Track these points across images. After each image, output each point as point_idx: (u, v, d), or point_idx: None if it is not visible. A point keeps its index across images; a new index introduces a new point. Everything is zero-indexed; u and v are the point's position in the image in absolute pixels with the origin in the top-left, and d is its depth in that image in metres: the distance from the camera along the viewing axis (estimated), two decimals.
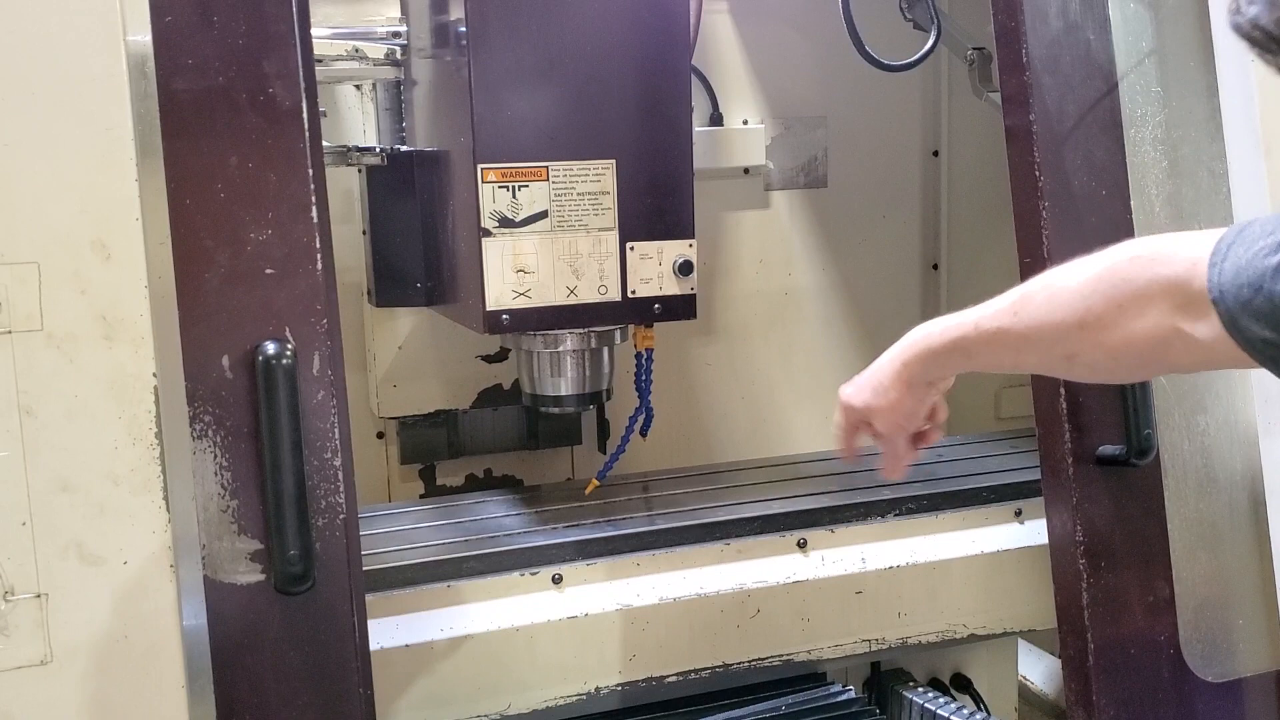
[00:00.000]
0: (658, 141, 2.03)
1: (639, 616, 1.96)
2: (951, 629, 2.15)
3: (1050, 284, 1.27)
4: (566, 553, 1.99)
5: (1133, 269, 1.19)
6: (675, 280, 2.07)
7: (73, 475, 1.34)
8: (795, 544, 2.09)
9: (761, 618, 2.02)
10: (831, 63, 2.75)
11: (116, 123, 1.35)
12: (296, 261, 1.49)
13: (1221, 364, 1.21)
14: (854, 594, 2.08)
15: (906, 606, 2.11)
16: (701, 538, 2.06)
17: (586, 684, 1.94)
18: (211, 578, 1.47)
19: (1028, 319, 1.28)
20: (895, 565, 2.11)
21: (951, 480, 2.29)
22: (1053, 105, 1.85)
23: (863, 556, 2.10)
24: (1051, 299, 1.26)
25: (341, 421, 1.52)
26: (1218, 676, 1.89)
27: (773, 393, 2.89)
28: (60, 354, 1.33)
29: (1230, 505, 1.92)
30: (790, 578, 2.05)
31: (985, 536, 2.18)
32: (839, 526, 2.13)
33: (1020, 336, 1.30)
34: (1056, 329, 1.25)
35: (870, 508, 2.16)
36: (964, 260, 2.99)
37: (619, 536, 2.04)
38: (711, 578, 2.02)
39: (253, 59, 1.47)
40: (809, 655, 2.06)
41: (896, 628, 2.11)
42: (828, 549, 2.10)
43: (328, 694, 1.53)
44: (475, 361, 2.53)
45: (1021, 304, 1.30)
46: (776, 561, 2.07)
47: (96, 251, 1.34)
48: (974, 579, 2.15)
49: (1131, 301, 1.18)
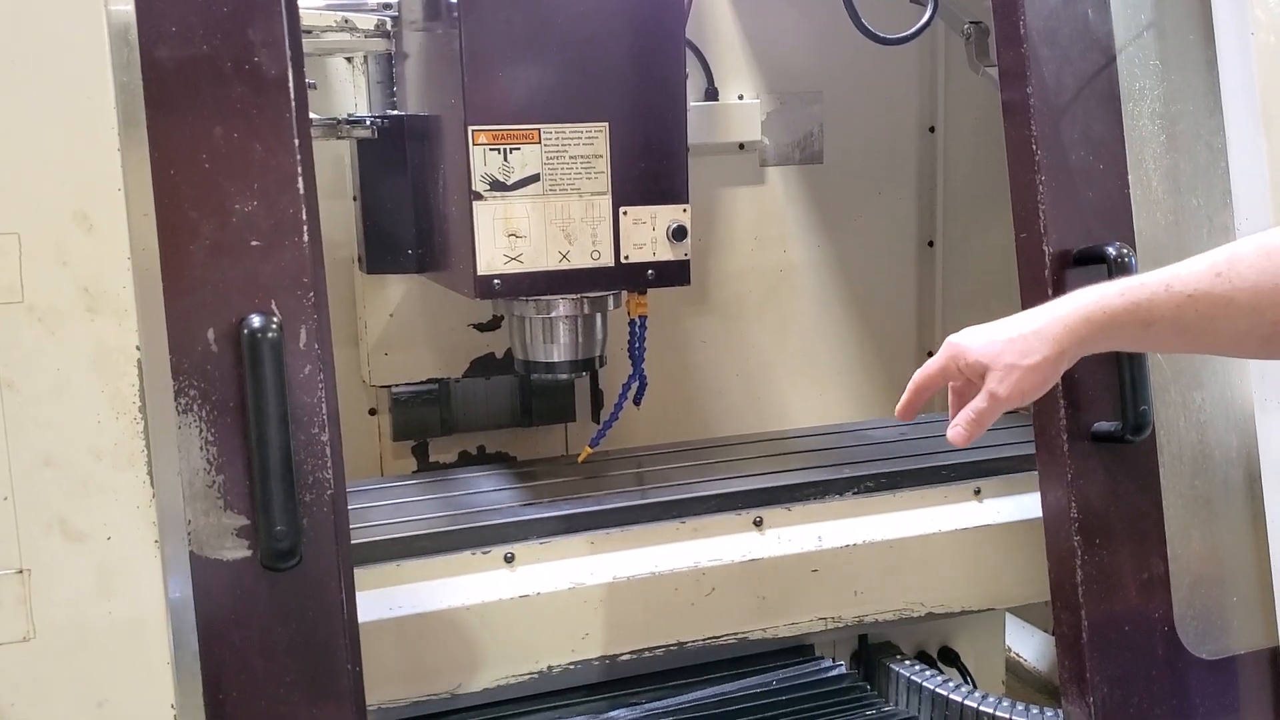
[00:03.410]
0: (651, 104, 2.02)
1: (591, 595, 1.95)
2: (909, 607, 2.15)
3: (1264, 244, 1.13)
4: (519, 532, 1.98)
5: None
6: (669, 246, 2.06)
7: (55, 450, 1.32)
8: (751, 522, 2.09)
9: (716, 596, 2.02)
10: (827, 37, 2.73)
11: (98, 92, 1.33)
12: (283, 233, 1.47)
13: None
14: (810, 572, 2.07)
15: (863, 585, 2.11)
16: (657, 516, 2.06)
17: (539, 663, 1.93)
18: (197, 553, 1.45)
19: (1237, 279, 1.13)
20: (851, 544, 2.10)
21: (911, 459, 2.29)
22: (1050, 79, 1.83)
23: (819, 535, 2.10)
24: (1268, 257, 1.12)
25: (329, 396, 1.51)
26: (1212, 654, 1.89)
27: (768, 369, 2.88)
28: (42, 326, 1.31)
29: (1225, 482, 1.91)
30: (745, 556, 2.04)
31: (943, 515, 2.18)
32: (796, 505, 2.12)
33: (1224, 299, 1.15)
34: (1274, 292, 1.11)
35: (829, 486, 2.16)
36: (960, 237, 2.98)
37: (573, 515, 2.03)
38: (666, 556, 2.01)
39: (238, 27, 1.44)
40: (764, 634, 2.06)
41: (853, 606, 2.11)
42: (784, 527, 2.10)
43: (316, 670, 1.52)
44: (467, 330, 2.52)
45: (1227, 264, 1.15)
46: (732, 540, 2.07)
47: (78, 223, 1.32)
48: (931, 558, 2.15)
49: None
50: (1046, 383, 1.31)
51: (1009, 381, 1.29)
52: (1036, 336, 1.28)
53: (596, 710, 2.03)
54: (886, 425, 2.58)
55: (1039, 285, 1.81)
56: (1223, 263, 1.16)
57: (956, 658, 2.43)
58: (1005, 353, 1.30)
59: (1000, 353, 1.30)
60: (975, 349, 1.33)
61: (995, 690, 2.41)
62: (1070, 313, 1.27)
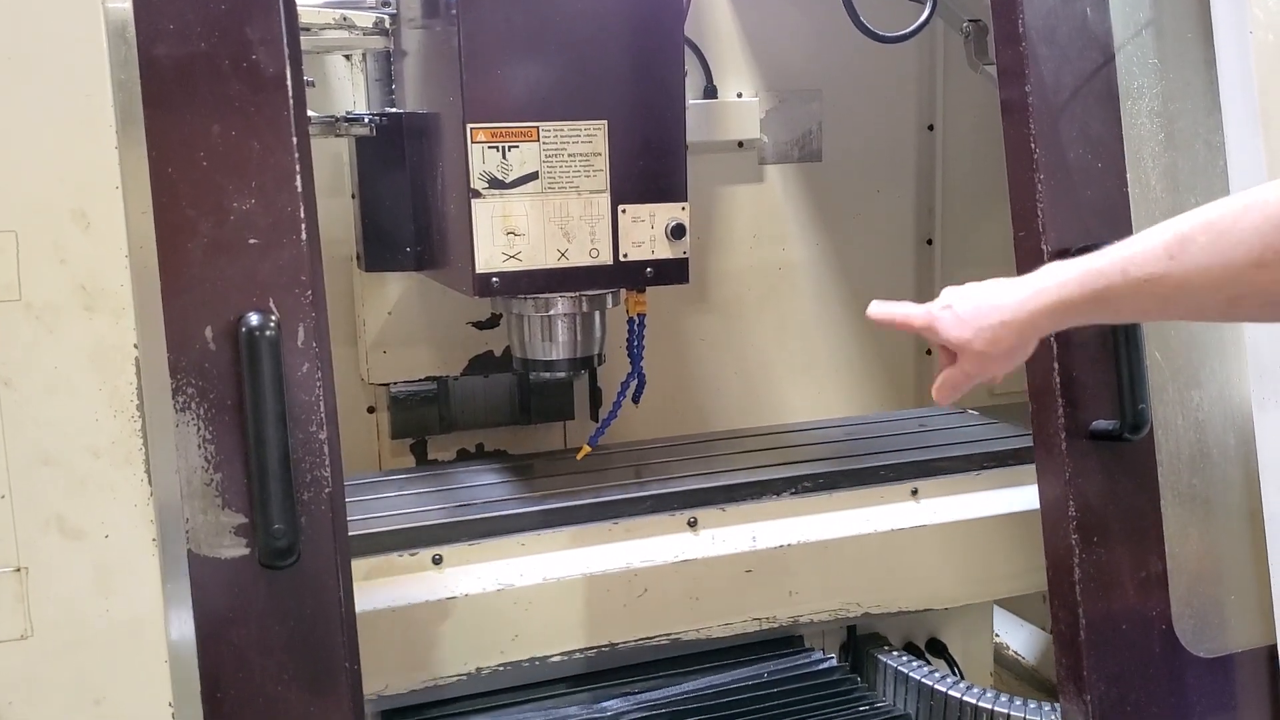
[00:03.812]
0: (650, 102, 2.02)
1: (521, 597, 1.95)
2: (845, 608, 2.14)
3: (1212, 222, 1.17)
4: (447, 534, 1.97)
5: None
6: (668, 244, 2.06)
7: (53, 448, 1.32)
8: (686, 523, 2.08)
9: (649, 597, 2.01)
10: (826, 35, 2.73)
11: (96, 90, 1.33)
12: (281, 231, 1.46)
13: None
14: (744, 572, 2.07)
15: (797, 585, 2.10)
16: (590, 517, 2.05)
17: (466, 664, 1.92)
18: (195, 552, 1.45)
19: (1189, 262, 1.18)
20: (786, 544, 2.10)
21: (850, 459, 2.29)
22: (1049, 77, 1.82)
23: (754, 535, 2.10)
24: (1219, 238, 1.16)
25: (327, 394, 1.51)
26: (1209, 652, 1.89)
27: (766, 367, 2.88)
28: (40, 324, 1.31)
29: (1224, 481, 1.91)
30: (678, 557, 2.04)
31: (880, 515, 2.18)
32: (731, 505, 2.12)
33: (1178, 283, 1.19)
34: (1225, 269, 1.15)
35: (766, 486, 2.16)
36: (958, 235, 2.98)
37: (504, 518, 2.02)
38: (597, 557, 2.01)
39: (236, 24, 1.44)
40: (698, 634, 2.05)
41: (787, 606, 2.10)
42: (719, 528, 2.10)
43: (313, 668, 1.51)
44: (466, 328, 2.52)
45: (1179, 246, 1.19)
46: (666, 540, 2.06)
47: (76, 221, 1.32)
48: (867, 558, 2.14)
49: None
50: (1013, 364, 1.44)
51: (978, 363, 1.43)
52: (1005, 327, 1.38)
53: (589, 700, 2.04)
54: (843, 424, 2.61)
55: None
56: (1175, 244, 1.19)
57: (944, 649, 2.43)
58: (976, 340, 1.41)
59: (971, 339, 1.41)
60: (948, 333, 1.45)
61: (983, 682, 2.41)
62: (1039, 307, 1.34)
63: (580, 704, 2.03)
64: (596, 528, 2.05)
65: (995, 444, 2.37)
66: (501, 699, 2.04)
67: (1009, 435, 2.44)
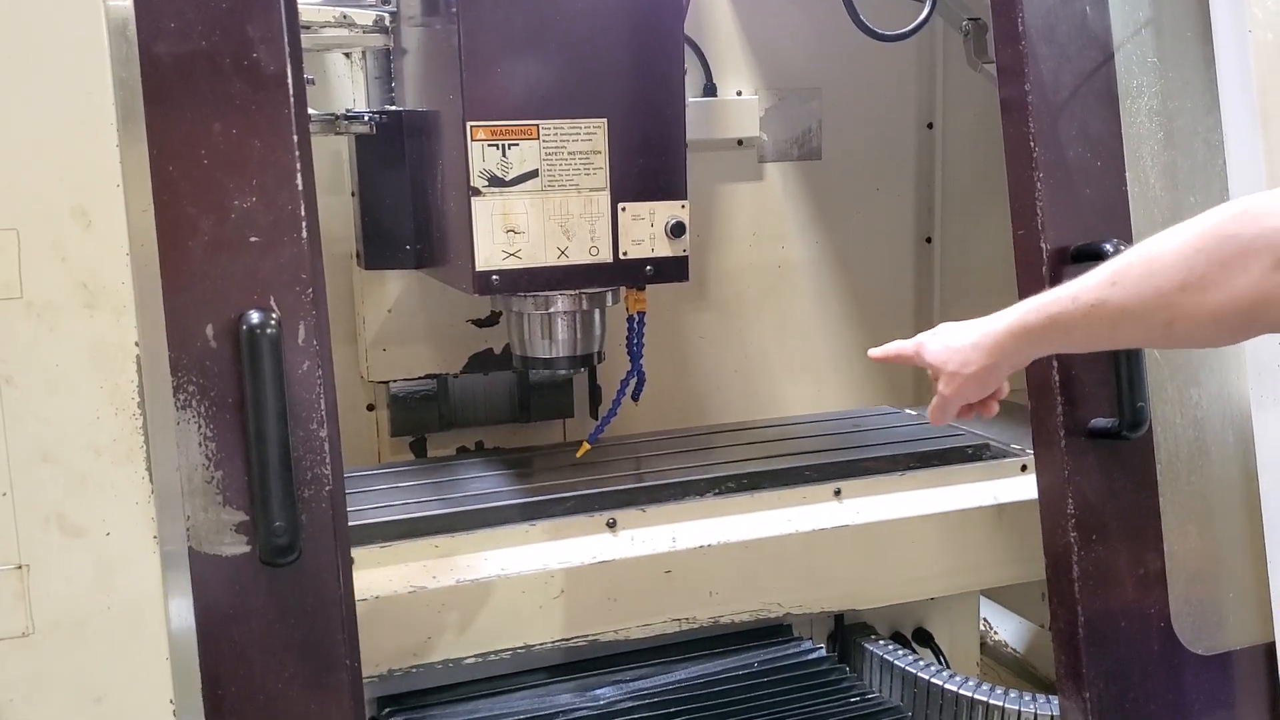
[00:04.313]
0: (650, 100, 2.02)
1: (434, 599, 1.93)
2: (765, 608, 2.13)
3: (1148, 251, 1.27)
4: (361, 536, 1.94)
5: (1237, 225, 1.18)
6: (667, 242, 2.06)
7: (54, 446, 1.32)
8: (605, 524, 2.07)
9: (566, 598, 2.00)
10: (826, 33, 2.73)
11: (97, 87, 1.33)
12: (281, 229, 1.46)
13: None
14: (663, 573, 2.06)
15: (718, 586, 2.09)
16: (508, 519, 2.04)
17: (379, 667, 1.90)
18: (196, 549, 1.45)
19: (1127, 287, 1.29)
20: (706, 544, 2.08)
21: (777, 459, 2.29)
22: (1048, 76, 1.83)
23: (673, 536, 2.08)
24: (1150, 264, 1.26)
25: (328, 392, 1.51)
26: (1208, 649, 1.89)
27: (766, 364, 2.88)
28: (40, 322, 1.31)
29: (1222, 479, 1.91)
30: (595, 558, 2.03)
31: (801, 515, 2.17)
32: (652, 506, 2.11)
33: (1119, 308, 1.30)
34: (1158, 294, 1.25)
35: (688, 487, 2.15)
36: (958, 233, 2.98)
37: (417, 519, 2.01)
38: (513, 559, 1.99)
39: (236, 22, 1.44)
40: (616, 635, 2.04)
41: (707, 607, 2.09)
42: (638, 528, 2.09)
43: (314, 666, 1.52)
44: (465, 325, 2.53)
45: (1119, 274, 1.30)
46: (584, 541, 2.05)
47: (77, 219, 1.32)
48: (789, 558, 2.13)
49: (1235, 258, 1.17)
50: (986, 386, 1.57)
51: (953, 385, 1.57)
52: (975, 349, 1.52)
53: (580, 689, 2.05)
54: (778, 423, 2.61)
55: (1036, 282, 1.81)
56: (1116, 273, 1.31)
57: (930, 638, 2.44)
58: (950, 361, 1.56)
59: (946, 361, 1.57)
60: (929, 354, 1.61)
61: (969, 671, 2.42)
62: (1002, 330, 1.48)
63: (572, 691, 2.05)
64: (513, 529, 2.03)
65: (923, 445, 2.37)
66: (495, 686, 2.06)
67: (940, 436, 2.44)
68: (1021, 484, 2.28)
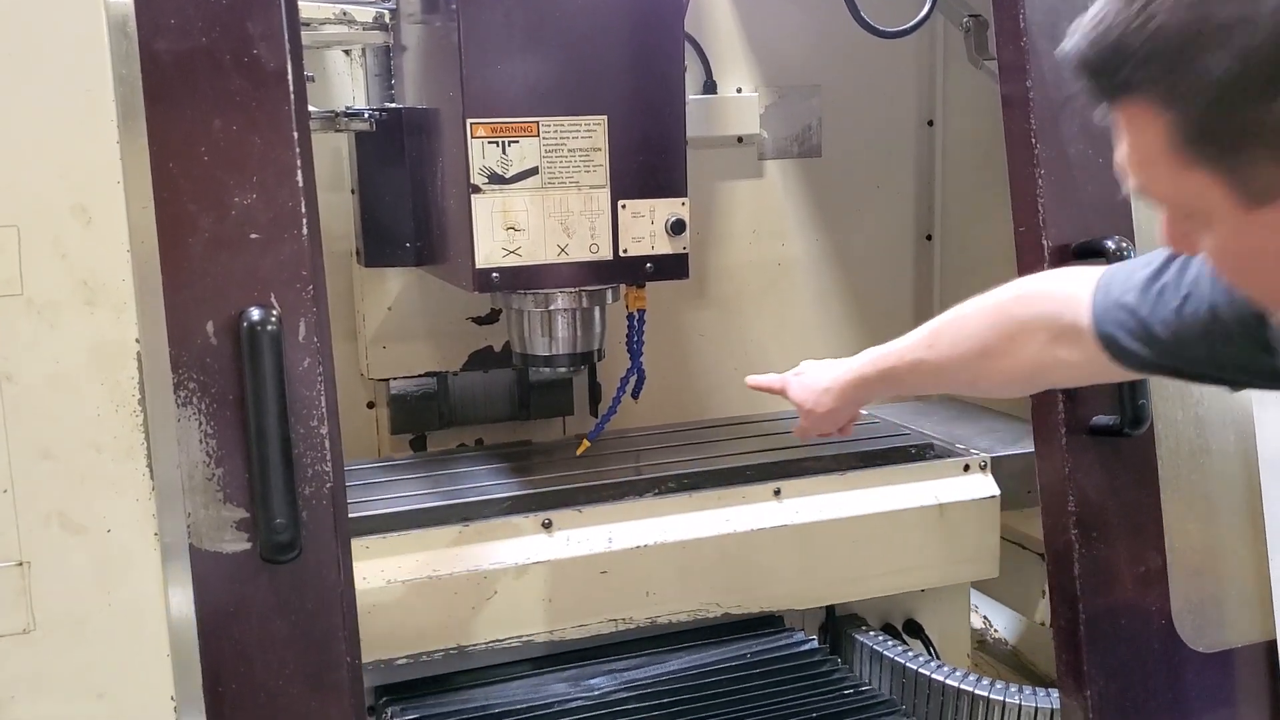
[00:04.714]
0: (650, 98, 2.01)
1: (364, 601, 1.87)
2: (703, 608, 2.12)
3: (956, 320, 1.53)
4: None
5: (1018, 306, 1.44)
6: (667, 239, 2.05)
7: (54, 443, 1.32)
8: (540, 524, 2.06)
9: (499, 599, 1.99)
10: (826, 30, 2.73)
11: (97, 84, 1.33)
12: (282, 226, 1.46)
13: (1097, 379, 1.52)
14: (599, 574, 2.05)
15: (655, 586, 2.08)
16: (440, 520, 2.03)
17: None
18: (197, 546, 1.45)
19: (940, 350, 1.54)
20: (643, 544, 2.08)
21: (714, 460, 2.29)
22: (1050, 72, 1.82)
23: (609, 536, 2.08)
24: (956, 334, 1.52)
25: (328, 389, 1.51)
26: (1208, 647, 1.89)
27: (766, 362, 2.85)
28: (41, 319, 1.31)
29: (1223, 476, 1.91)
30: (529, 559, 2.02)
31: (740, 515, 2.16)
32: (588, 506, 2.10)
33: (935, 366, 1.56)
34: (962, 359, 1.51)
35: (628, 487, 2.15)
36: (958, 231, 2.98)
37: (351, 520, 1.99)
38: (445, 560, 1.98)
39: (237, 19, 1.44)
40: (551, 636, 2.04)
41: (644, 607, 2.08)
42: (574, 529, 2.07)
43: (315, 663, 1.52)
44: (465, 323, 2.52)
45: (934, 338, 1.56)
46: (518, 542, 2.04)
47: (77, 216, 1.32)
48: (726, 558, 2.13)
49: (1019, 334, 1.43)
50: (837, 420, 1.82)
51: (810, 420, 1.83)
52: (825, 393, 1.78)
53: (575, 679, 2.06)
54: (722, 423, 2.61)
55: None
56: (931, 337, 1.56)
57: (920, 630, 2.44)
58: (805, 401, 1.82)
59: (804, 400, 1.82)
60: (791, 392, 1.85)
61: (960, 663, 2.42)
62: (847, 379, 1.74)
63: (567, 682, 2.06)
64: (446, 530, 2.02)
65: (867, 444, 2.37)
66: (490, 675, 2.07)
67: (885, 436, 2.44)
68: (964, 484, 2.28)
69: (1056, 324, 1.38)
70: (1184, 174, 0.94)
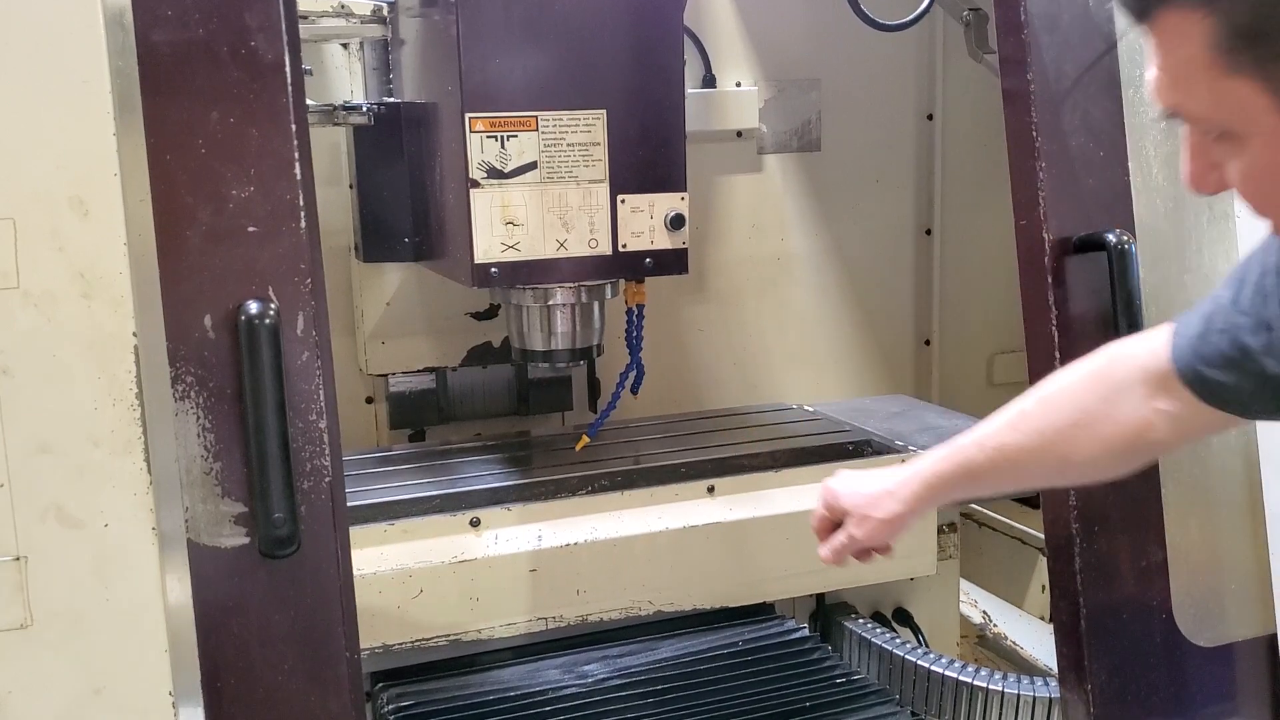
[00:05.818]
0: (649, 92, 2.01)
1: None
2: (635, 606, 2.11)
3: (1042, 395, 1.43)
4: None
5: (1111, 367, 1.38)
6: (667, 234, 2.05)
7: (51, 436, 1.32)
8: (468, 523, 2.04)
9: (425, 597, 1.98)
10: (825, 24, 2.73)
11: (94, 77, 1.32)
12: (279, 219, 1.45)
13: (1199, 432, 1.44)
14: (527, 572, 2.04)
15: (585, 584, 2.07)
16: (366, 518, 2.01)
17: None
18: (195, 541, 1.45)
19: (1027, 430, 1.43)
20: (573, 543, 2.06)
21: (648, 457, 2.27)
22: (1051, 65, 1.82)
23: (539, 534, 2.06)
24: (1046, 408, 1.42)
25: (326, 383, 1.50)
26: (1209, 641, 1.89)
27: (766, 357, 2.88)
28: (38, 312, 1.30)
29: (1223, 470, 1.91)
30: (456, 557, 2.00)
31: (673, 513, 2.15)
32: (518, 504, 2.08)
33: (1020, 447, 1.43)
34: (1056, 432, 1.40)
35: (560, 485, 2.13)
36: (958, 225, 2.98)
37: None
38: (369, 559, 1.96)
39: (234, 11, 1.43)
40: (479, 635, 2.02)
41: (575, 605, 2.07)
42: (503, 527, 2.06)
43: (314, 657, 1.51)
44: (464, 319, 2.52)
45: (1019, 418, 1.44)
46: (445, 541, 2.02)
47: (74, 208, 1.31)
48: (658, 555, 2.11)
49: (1115, 394, 1.36)
50: (896, 533, 1.59)
51: (865, 528, 1.58)
52: (890, 496, 1.56)
53: (568, 665, 2.07)
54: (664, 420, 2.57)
55: (1038, 272, 1.80)
56: (1016, 418, 1.44)
57: (909, 618, 2.44)
58: (864, 505, 1.58)
59: (860, 504, 1.58)
60: (844, 496, 1.61)
61: (949, 651, 2.42)
62: (917, 482, 1.54)
63: (560, 668, 2.06)
64: (373, 529, 2.00)
65: (803, 441, 2.35)
66: (485, 662, 2.08)
67: (821, 433, 2.42)
68: None
69: (1152, 375, 1.32)
70: (1224, 82, 0.91)
